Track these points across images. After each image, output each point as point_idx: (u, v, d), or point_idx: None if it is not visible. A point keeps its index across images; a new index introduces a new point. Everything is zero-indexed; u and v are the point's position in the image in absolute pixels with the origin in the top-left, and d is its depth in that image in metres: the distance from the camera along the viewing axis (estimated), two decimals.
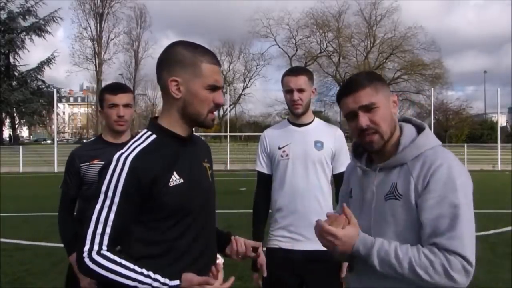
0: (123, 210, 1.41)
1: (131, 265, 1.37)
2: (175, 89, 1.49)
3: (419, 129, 1.55)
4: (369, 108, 1.46)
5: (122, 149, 1.48)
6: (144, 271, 1.37)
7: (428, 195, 1.39)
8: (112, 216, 1.39)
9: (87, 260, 1.37)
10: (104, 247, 1.38)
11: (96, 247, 1.38)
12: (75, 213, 2.51)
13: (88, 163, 2.42)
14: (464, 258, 1.33)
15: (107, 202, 1.40)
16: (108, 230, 1.39)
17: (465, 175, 1.44)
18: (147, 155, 1.45)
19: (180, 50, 1.49)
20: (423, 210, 1.40)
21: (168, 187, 1.46)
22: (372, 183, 1.53)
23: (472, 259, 1.34)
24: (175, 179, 1.48)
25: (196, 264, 1.50)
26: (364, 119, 1.46)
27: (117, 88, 2.50)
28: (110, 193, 1.41)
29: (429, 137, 1.50)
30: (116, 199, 1.40)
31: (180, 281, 1.37)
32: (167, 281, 1.36)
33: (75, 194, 2.48)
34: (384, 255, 1.39)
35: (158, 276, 1.36)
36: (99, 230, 1.39)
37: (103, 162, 2.31)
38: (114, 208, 1.40)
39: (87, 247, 1.38)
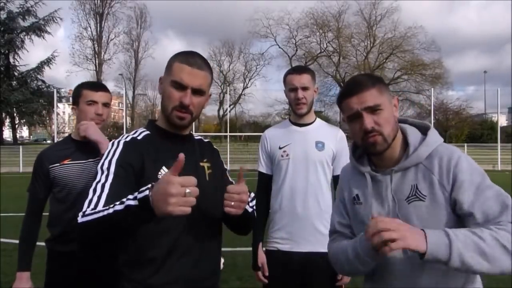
0: (118, 177, 1.44)
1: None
2: (159, 87, 1.64)
3: (420, 128, 1.55)
4: (374, 110, 1.43)
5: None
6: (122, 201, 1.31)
7: (463, 187, 1.37)
8: (108, 184, 1.42)
9: (79, 218, 1.35)
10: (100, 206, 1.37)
11: (92, 206, 1.37)
12: (49, 216, 2.37)
13: (58, 164, 2.28)
14: None
15: (104, 174, 1.45)
16: (103, 195, 1.40)
17: None
18: (138, 143, 1.56)
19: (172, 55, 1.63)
20: (463, 204, 1.36)
21: (157, 179, 1.43)
22: (386, 188, 1.48)
23: None
24: (164, 173, 1.48)
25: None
26: (369, 120, 1.43)
27: (98, 85, 2.41)
28: (105, 166, 1.47)
29: (436, 135, 1.51)
30: (112, 169, 1.46)
31: (151, 187, 1.24)
32: (135, 194, 1.28)
33: (43, 198, 2.35)
34: (465, 242, 1.25)
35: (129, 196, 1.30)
36: (94, 198, 1.39)
37: (74, 162, 2.28)
38: (110, 177, 1.44)
39: (81, 211, 1.37)
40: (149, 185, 1.25)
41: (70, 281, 2.27)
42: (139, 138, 1.59)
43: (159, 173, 1.51)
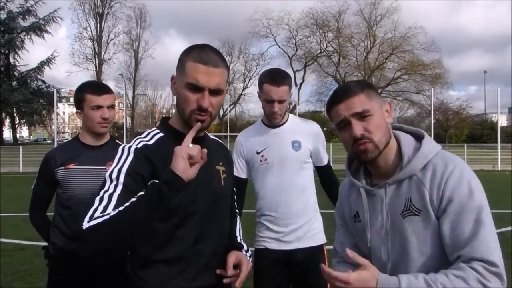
0: (127, 188, 1.36)
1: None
2: (172, 87, 1.54)
3: (415, 136, 1.48)
4: (362, 116, 1.37)
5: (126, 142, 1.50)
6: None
7: (447, 206, 1.31)
8: (116, 194, 1.35)
9: (85, 224, 1.26)
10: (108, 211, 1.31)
11: (97, 214, 1.29)
12: (54, 222, 2.35)
13: (63, 167, 2.27)
14: (492, 263, 1.24)
15: (113, 184, 1.38)
16: (110, 205, 1.32)
17: (474, 174, 1.37)
18: (150, 150, 1.47)
19: (183, 51, 1.52)
20: (444, 223, 1.31)
21: None
22: (381, 202, 1.42)
23: (500, 261, 1.25)
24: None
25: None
26: (358, 127, 1.36)
27: (101, 88, 2.34)
28: (114, 175, 1.39)
29: (431, 143, 1.42)
30: (121, 179, 1.38)
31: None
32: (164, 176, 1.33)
33: (48, 197, 2.39)
34: None
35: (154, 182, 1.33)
36: (100, 207, 1.32)
37: (80, 167, 2.26)
38: (119, 187, 1.37)
39: (87, 217, 1.29)
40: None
41: (72, 281, 2.24)
42: (150, 143, 1.50)
43: None
